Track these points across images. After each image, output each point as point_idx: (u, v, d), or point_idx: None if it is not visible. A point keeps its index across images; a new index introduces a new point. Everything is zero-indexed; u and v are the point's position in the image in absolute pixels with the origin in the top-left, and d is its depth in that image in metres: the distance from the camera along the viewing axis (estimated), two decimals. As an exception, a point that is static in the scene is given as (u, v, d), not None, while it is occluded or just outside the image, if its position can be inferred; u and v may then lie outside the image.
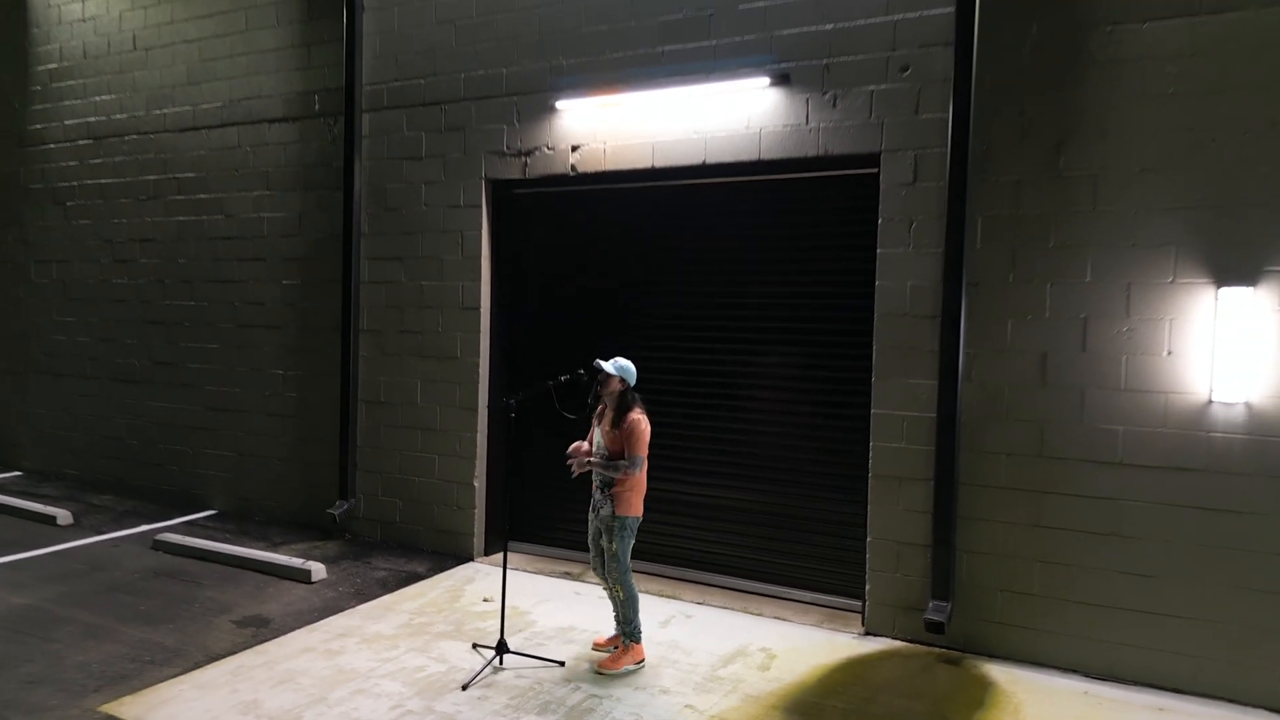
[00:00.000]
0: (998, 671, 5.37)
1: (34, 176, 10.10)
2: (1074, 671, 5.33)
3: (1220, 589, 4.99)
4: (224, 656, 5.38)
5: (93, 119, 9.58)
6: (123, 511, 8.76)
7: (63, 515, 8.29)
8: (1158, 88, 5.07)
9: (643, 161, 6.66)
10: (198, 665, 5.25)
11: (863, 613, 6.01)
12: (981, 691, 5.13)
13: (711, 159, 6.40)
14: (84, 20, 9.61)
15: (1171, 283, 5.08)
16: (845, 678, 5.30)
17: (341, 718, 4.59)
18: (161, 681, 5.01)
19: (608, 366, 5.25)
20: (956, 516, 5.61)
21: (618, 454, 5.17)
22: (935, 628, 5.48)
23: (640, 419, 5.19)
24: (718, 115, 6.34)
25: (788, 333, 6.48)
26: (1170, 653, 5.11)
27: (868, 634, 5.92)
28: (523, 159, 7.15)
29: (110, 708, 4.67)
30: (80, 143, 9.71)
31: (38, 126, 10.04)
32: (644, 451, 5.19)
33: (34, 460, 10.28)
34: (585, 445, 5.42)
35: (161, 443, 9.20)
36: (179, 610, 6.17)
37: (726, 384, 6.74)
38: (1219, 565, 4.99)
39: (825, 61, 5.97)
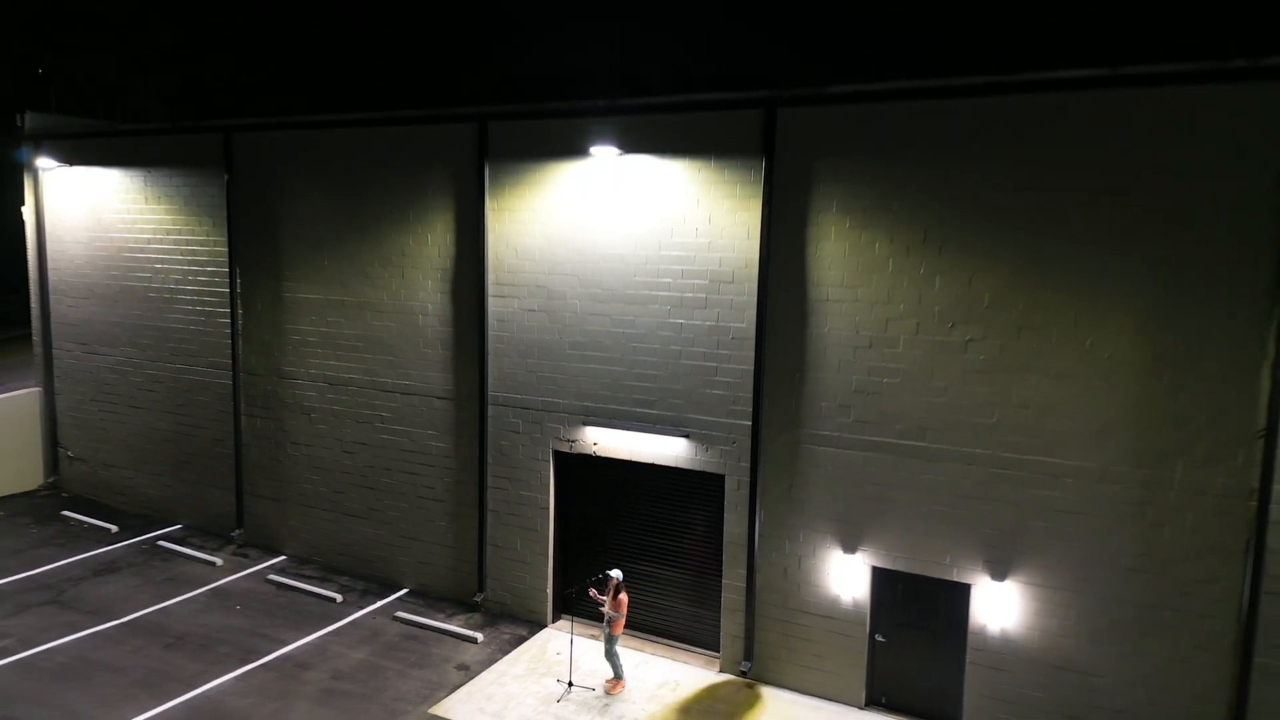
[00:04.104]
0: (767, 691, 13.52)
1: (289, 396, 17.98)
2: (798, 692, 13.47)
3: (848, 662, 13.08)
4: (460, 686, 13.54)
5: (328, 372, 17.42)
6: (361, 591, 16.90)
7: (338, 597, 16.44)
8: (825, 473, 12.95)
9: (626, 455, 14.56)
10: (452, 690, 13.42)
11: (720, 662, 14.14)
12: (756, 699, 13.28)
13: (656, 461, 14.29)
14: (323, 316, 17.35)
15: (830, 549, 13.05)
16: (706, 694, 13.46)
17: (519, 717, 12.75)
18: (445, 699, 13.17)
19: (612, 574, 13.29)
20: (755, 628, 13.68)
21: (615, 611, 13.23)
22: (744, 673, 13.66)
23: (624, 597, 13.24)
24: (659, 446, 14.21)
25: (689, 546, 14.49)
26: (839, 685, 13.24)
27: (721, 672, 14.07)
28: (569, 443, 15.04)
29: (433, 711, 12.84)
30: (319, 383, 17.57)
31: (290, 369, 17.88)
32: (624, 611, 13.25)
33: (291, 549, 18.38)
34: (594, 591, 13.40)
35: (375, 550, 17.29)
36: (427, 660, 14.34)
37: (664, 554, 14.77)
38: (850, 656, 13.08)
39: (704, 432, 13.83)
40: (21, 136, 21.21)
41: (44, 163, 20.74)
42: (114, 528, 19.57)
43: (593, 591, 13.44)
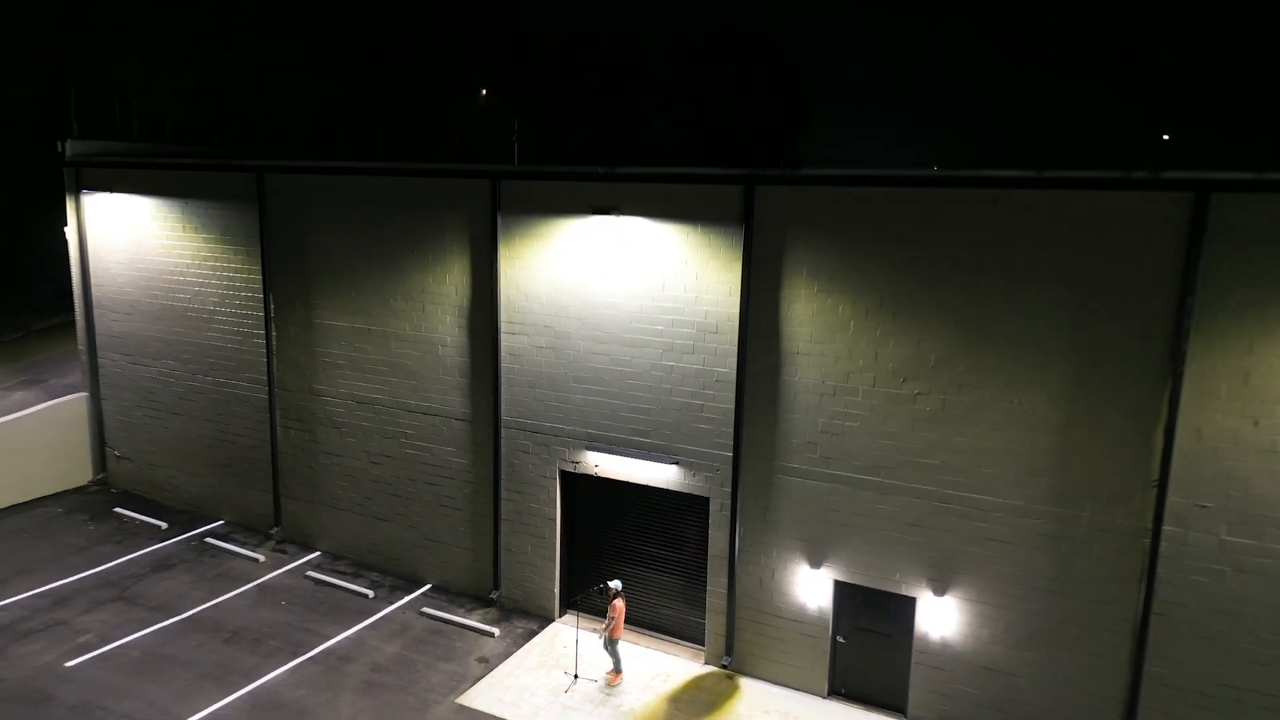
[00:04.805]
0: (745, 681, 15.76)
1: (320, 411, 19.98)
2: (771, 682, 15.70)
3: (813, 658, 15.29)
4: (481, 678, 15.77)
5: (357, 392, 19.39)
6: (390, 586, 19.09)
7: (369, 593, 18.63)
8: (795, 500, 15.00)
9: (624, 477, 16.61)
10: (475, 681, 15.66)
11: (705, 655, 16.37)
12: (735, 689, 15.54)
13: (650, 483, 16.35)
14: (351, 342, 19.26)
15: (799, 564, 15.16)
16: (693, 684, 15.71)
17: (532, 709, 14.98)
18: (469, 689, 15.41)
19: (611, 584, 15.46)
20: (735, 628, 15.87)
21: (612, 616, 15.42)
22: (725, 665, 15.90)
23: (619, 603, 15.42)
24: (652, 471, 16.25)
25: (678, 555, 16.62)
26: (806, 677, 15.46)
27: (706, 664, 16.31)
28: (574, 464, 17.09)
29: (459, 701, 15.09)
30: (348, 401, 19.56)
31: (321, 387, 19.85)
32: (620, 615, 15.42)
33: (324, 546, 20.55)
34: (611, 605, 15.61)
35: (401, 549, 19.45)
36: (452, 653, 16.56)
37: (657, 561, 16.91)
38: (808, 653, 15.29)
39: (691, 460, 15.86)
40: (62, 163, 22.88)
41: (85, 189, 22.44)
42: (163, 524, 21.71)
43: (599, 630, 15.70)
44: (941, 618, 14.13)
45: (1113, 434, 12.67)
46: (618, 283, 15.99)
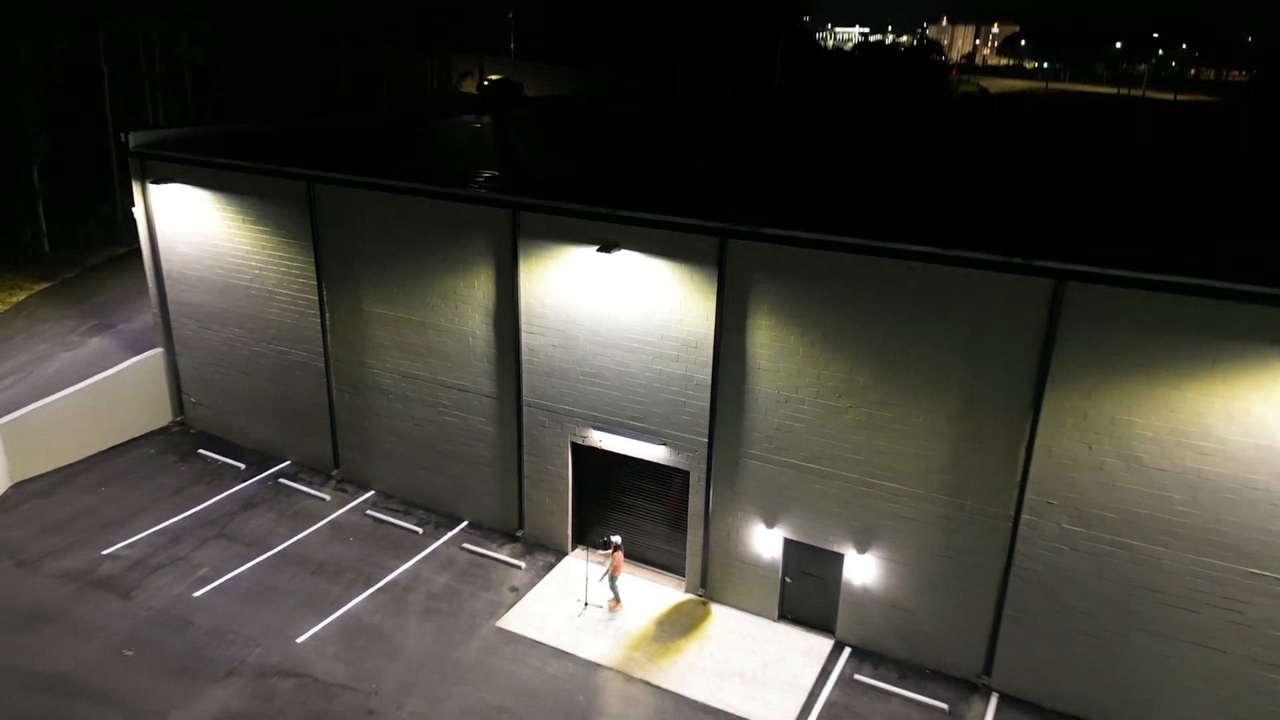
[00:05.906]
0: (715, 607, 20.57)
1: (370, 381, 24.02)
2: (735, 609, 20.51)
3: (767, 592, 20.03)
4: (514, 605, 20.56)
5: (401, 368, 23.39)
6: (435, 523, 23.71)
7: (419, 530, 23.27)
8: (755, 478, 19.34)
9: (622, 451, 20.87)
10: (509, 608, 20.45)
11: (685, 585, 21.13)
12: (708, 613, 20.37)
13: (644, 458, 20.64)
14: (395, 328, 23.11)
15: (757, 525, 19.64)
16: (675, 609, 20.54)
17: (554, 631, 19.80)
18: (505, 614, 20.22)
19: (613, 539, 20.03)
20: (708, 568, 20.54)
21: (614, 562, 20.06)
22: (700, 593, 20.70)
23: (619, 553, 20.03)
24: (645, 449, 20.50)
25: (665, 512, 21.12)
26: (761, 605, 20.28)
27: (686, 592, 21.10)
28: (582, 438, 21.33)
29: (499, 624, 19.90)
30: (393, 375, 23.58)
31: (370, 361, 23.83)
32: (620, 562, 20.06)
33: (378, 486, 25.07)
34: (613, 555, 20.25)
35: (442, 493, 23.97)
36: (490, 583, 21.32)
37: (649, 514, 21.44)
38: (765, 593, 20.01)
39: (676, 442, 20.07)
40: (127, 152, 25.98)
41: (151, 178, 25.66)
42: (242, 465, 26.18)
43: (603, 566, 20.25)
44: (862, 569, 18.73)
45: (990, 447, 16.83)
46: (618, 300, 19.73)
